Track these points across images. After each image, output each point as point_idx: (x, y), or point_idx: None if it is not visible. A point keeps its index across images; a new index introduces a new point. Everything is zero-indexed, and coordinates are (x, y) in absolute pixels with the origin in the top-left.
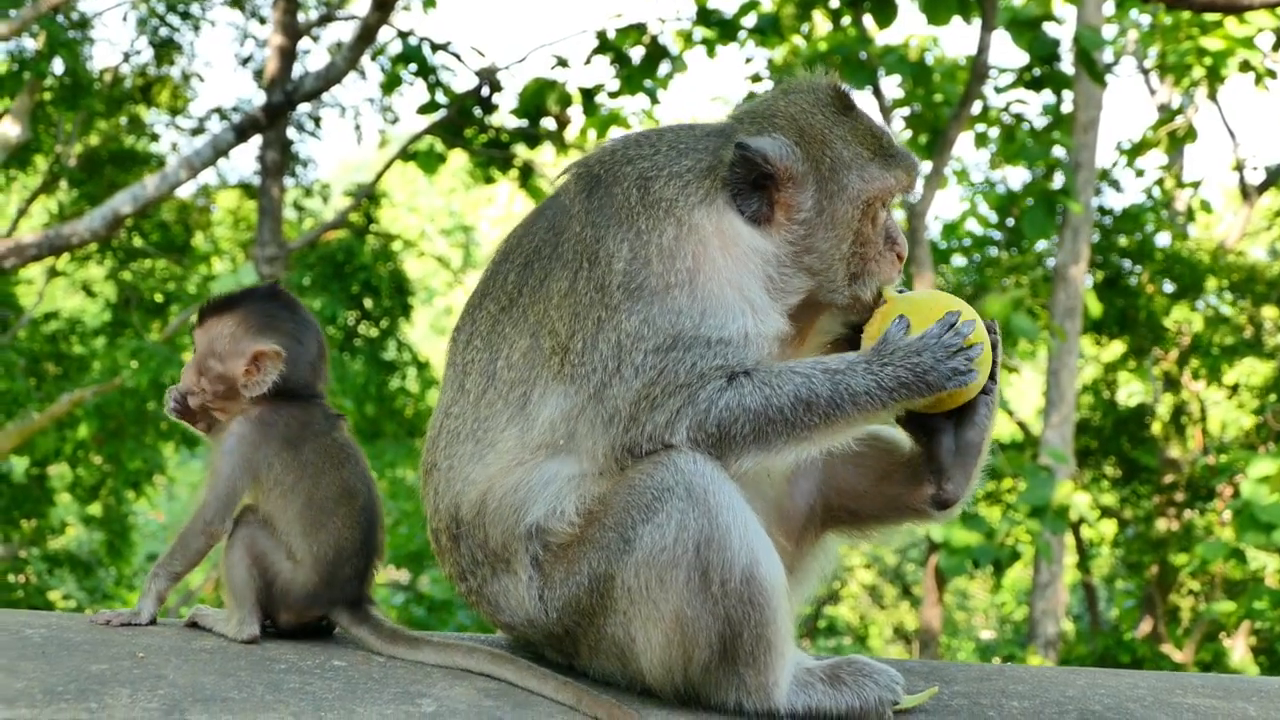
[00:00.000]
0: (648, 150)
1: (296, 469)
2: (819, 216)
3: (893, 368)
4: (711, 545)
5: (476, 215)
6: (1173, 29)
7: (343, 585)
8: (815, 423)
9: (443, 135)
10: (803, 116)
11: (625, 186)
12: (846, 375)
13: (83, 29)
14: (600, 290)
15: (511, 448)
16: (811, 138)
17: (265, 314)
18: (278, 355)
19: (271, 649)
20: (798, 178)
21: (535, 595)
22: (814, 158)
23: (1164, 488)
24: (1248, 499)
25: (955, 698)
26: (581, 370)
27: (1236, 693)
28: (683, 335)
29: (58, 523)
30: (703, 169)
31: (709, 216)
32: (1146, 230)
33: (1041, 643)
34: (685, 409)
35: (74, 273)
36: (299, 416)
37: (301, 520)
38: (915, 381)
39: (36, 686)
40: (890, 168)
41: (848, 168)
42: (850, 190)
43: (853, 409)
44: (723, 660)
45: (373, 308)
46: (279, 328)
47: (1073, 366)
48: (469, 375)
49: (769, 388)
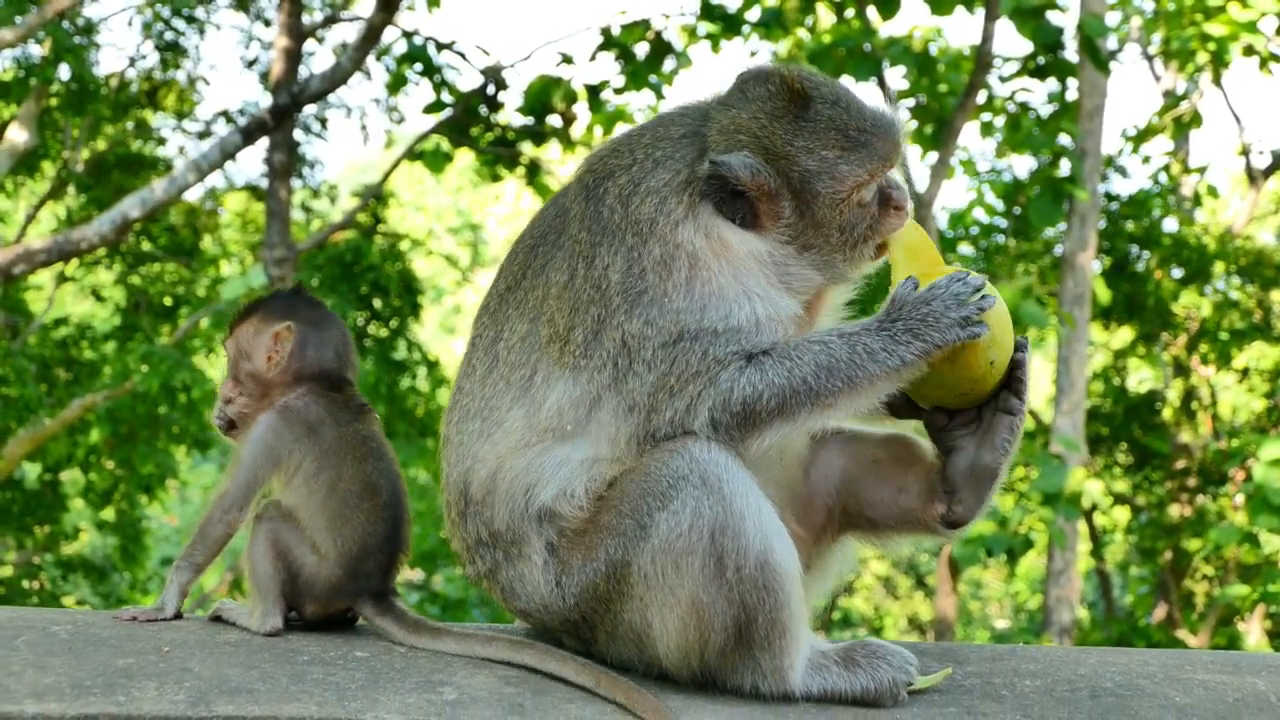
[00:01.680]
0: (626, 160)
1: (317, 455)
2: (802, 220)
3: (904, 321)
4: (726, 532)
5: (484, 213)
6: (1176, 14)
7: (367, 578)
8: (839, 387)
9: (449, 134)
10: (764, 132)
11: (610, 202)
12: (862, 336)
13: (88, 34)
14: (598, 290)
15: (519, 428)
16: (776, 154)
17: (285, 305)
18: (289, 330)
19: (294, 641)
20: (771, 191)
21: (552, 581)
22: (783, 172)
23: (1176, 473)
24: (1260, 482)
25: (969, 678)
26: (587, 362)
27: (1246, 668)
28: (687, 330)
29: (71, 528)
30: (679, 183)
31: (696, 231)
32: (1154, 216)
33: (1056, 630)
34: (706, 391)
35: (83, 278)
36: (323, 403)
37: (325, 513)
38: (928, 331)
39: (65, 681)
40: (862, 158)
41: (816, 176)
42: (824, 195)
43: (874, 367)
44: (738, 644)
45: (382, 308)
46: (297, 314)
47: (1082, 354)
48: (476, 351)
49: (789, 360)
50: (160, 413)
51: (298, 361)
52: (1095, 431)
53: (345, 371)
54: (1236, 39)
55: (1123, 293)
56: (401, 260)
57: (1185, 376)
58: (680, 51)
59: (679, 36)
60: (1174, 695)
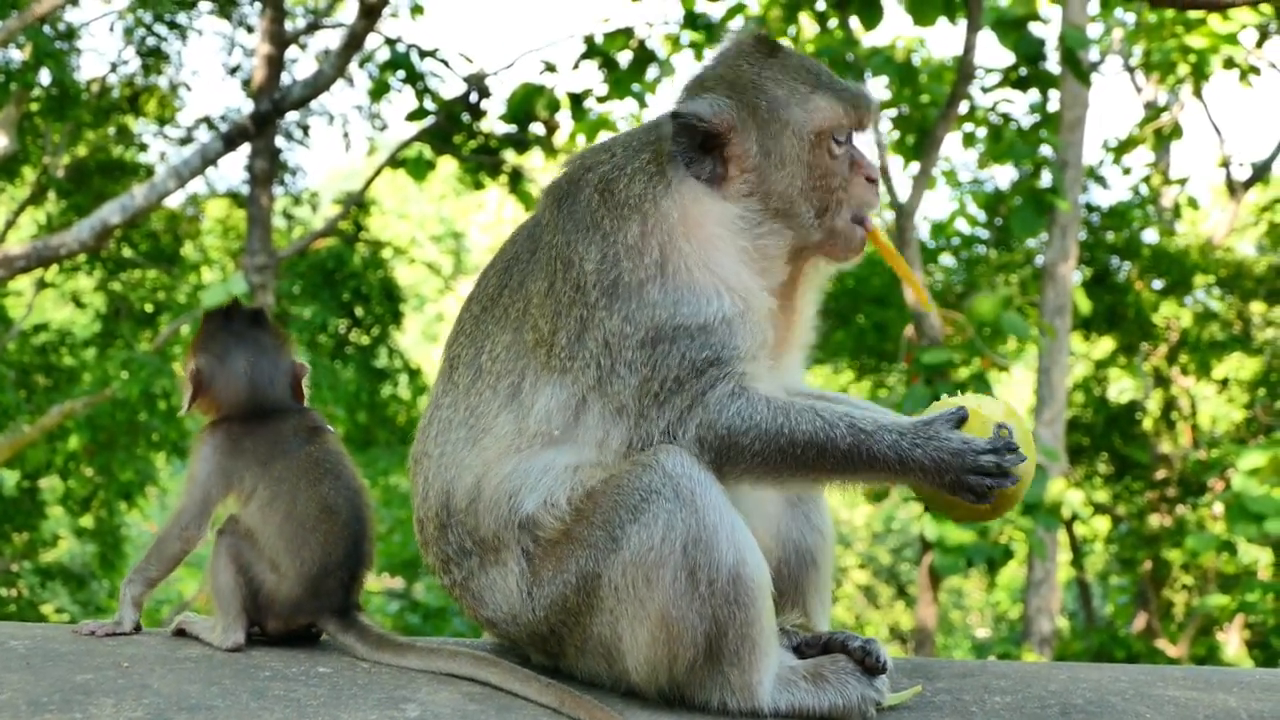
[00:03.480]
0: (605, 155)
1: (270, 484)
2: (768, 159)
3: (923, 451)
4: (699, 545)
5: (466, 221)
6: (1157, 27)
7: (329, 595)
8: (827, 467)
9: (431, 142)
10: (729, 71)
11: (589, 193)
12: (871, 439)
13: (70, 39)
14: (578, 290)
15: (508, 433)
16: (742, 87)
17: (202, 338)
18: (197, 373)
19: (256, 656)
20: (737, 127)
21: (525, 591)
22: (749, 104)
23: (1156, 483)
24: (1238, 491)
25: (939, 694)
26: (572, 364)
27: (1217, 684)
28: (663, 327)
29: (50, 535)
30: (653, 158)
31: (675, 203)
32: (1134, 227)
33: (1037, 640)
34: (695, 408)
35: (63, 284)
36: (264, 433)
37: (282, 536)
38: (936, 474)
39: (21, 698)
40: (833, 99)
41: (785, 104)
42: (793, 124)
43: (865, 471)
44: (708, 659)
45: (363, 315)
46: (206, 349)
47: (1063, 364)
48: (456, 369)
49: (785, 417)
50: (140, 419)
51: (215, 398)
52: (1076, 441)
53: (265, 399)
54: (1217, 51)
55: (1103, 303)
56: (383, 268)
57: (1165, 387)
58: (663, 60)
59: (662, 45)
60: (1145, 712)
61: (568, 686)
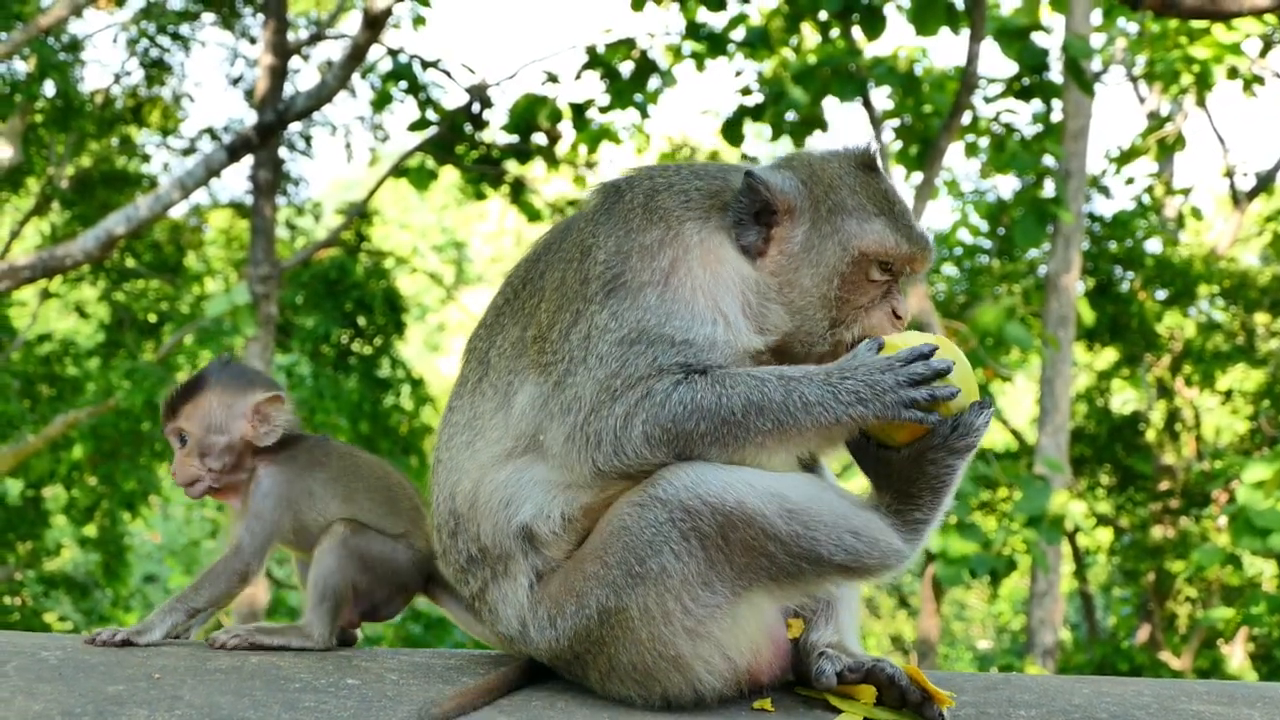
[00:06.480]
0: (669, 173)
1: (334, 481)
2: (806, 254)
3: (852, 381)
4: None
5: (469, 231)
6: (1160, 36)
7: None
8: (767, 428)
9: (434, 152)
10: (819, 163)
11: (634, 194)
12: (802, 384)
13: (73, 51)
14: (583, 283)
15: (498, 436)
16: (820, 180)
17: (238, 375)
18: (279, 400)
19: (286, 668)
20: (795, 212)
21: (543, 617)
22: (816, 197)
23: (1159, 495)
24: (1243, 504)
25: (964, 707)
26: (552, 359)
27: (1241, 699)
28: (647, 331)
29: (53, 545)
30: (710, 191)
31: (698, 231)
32: (1137, 237)
33: (1039, 652)
34: (642, 402)
35: (67, 294)
36: (303, 449)
37: (375, 501)
38: (872, 399)
39: (55, 708)
40: (895, 233)
41: (848, 214)
42: (843, 234)
43: (805, 418)
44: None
45: (366, 325)
46: (258, 380)
47: (1066, 375)
48: (469, 362)
49: (721, 386)
50: (143, 429)
51: (283, 428)
52: (1079, 453)
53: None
54: (1220, 61)
55: (1107, 314)
56: (386, 278)
57: (1169, 398)
58: (665, 71)
59: (664, 56)
60: None
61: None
